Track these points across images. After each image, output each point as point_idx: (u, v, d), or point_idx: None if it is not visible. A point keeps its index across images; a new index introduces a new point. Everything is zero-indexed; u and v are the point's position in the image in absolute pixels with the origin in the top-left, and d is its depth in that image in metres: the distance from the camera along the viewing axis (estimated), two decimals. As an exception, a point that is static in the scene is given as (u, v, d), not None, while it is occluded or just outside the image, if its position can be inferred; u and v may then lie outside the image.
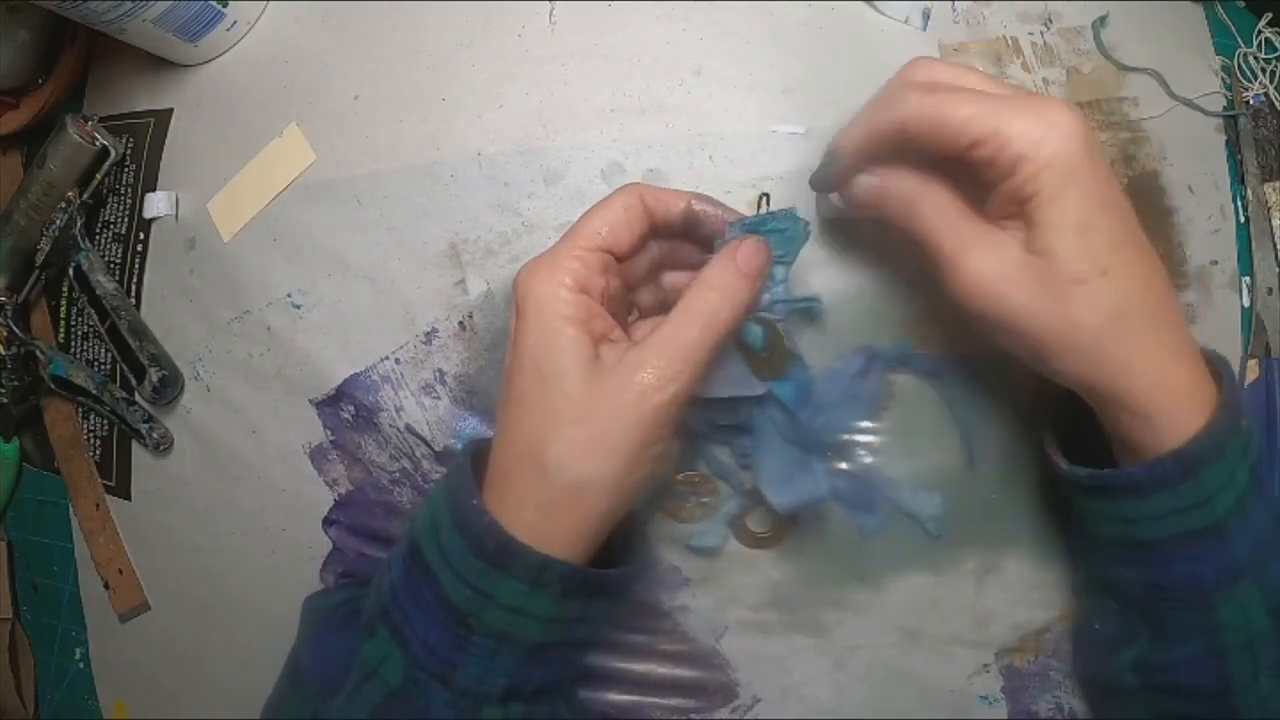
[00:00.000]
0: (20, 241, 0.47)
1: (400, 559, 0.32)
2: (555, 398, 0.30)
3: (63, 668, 0.50)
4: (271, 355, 0.43)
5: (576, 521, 0.30)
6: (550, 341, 0.30)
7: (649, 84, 0.40)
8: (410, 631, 0.30)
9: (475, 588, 0.30)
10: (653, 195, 0.33)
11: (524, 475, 0.30)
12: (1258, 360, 0.41)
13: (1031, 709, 0.39)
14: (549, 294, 0.30)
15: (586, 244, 0.31)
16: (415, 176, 0.41)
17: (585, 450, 0.30)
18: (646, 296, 0.36)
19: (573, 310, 0.30)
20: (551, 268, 0.31)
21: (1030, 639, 0.39)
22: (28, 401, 0.49)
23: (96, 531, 0.47)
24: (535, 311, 0.31)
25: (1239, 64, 0.42)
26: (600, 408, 0.30)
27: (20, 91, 0.49)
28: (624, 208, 0.32)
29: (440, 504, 0.31)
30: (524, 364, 0.31)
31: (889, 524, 0.38)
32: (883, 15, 0.40)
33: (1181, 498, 0.30)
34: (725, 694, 0.40)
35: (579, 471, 0.29)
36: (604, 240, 0.32)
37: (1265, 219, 0.42)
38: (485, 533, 0.29)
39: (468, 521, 0.30)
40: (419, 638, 0.30)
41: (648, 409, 0.29)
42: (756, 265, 0.32)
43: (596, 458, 0.29)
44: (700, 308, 0.31)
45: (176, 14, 0.41)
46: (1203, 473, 0.29)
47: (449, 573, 0.30)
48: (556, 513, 0.30)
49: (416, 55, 0.42)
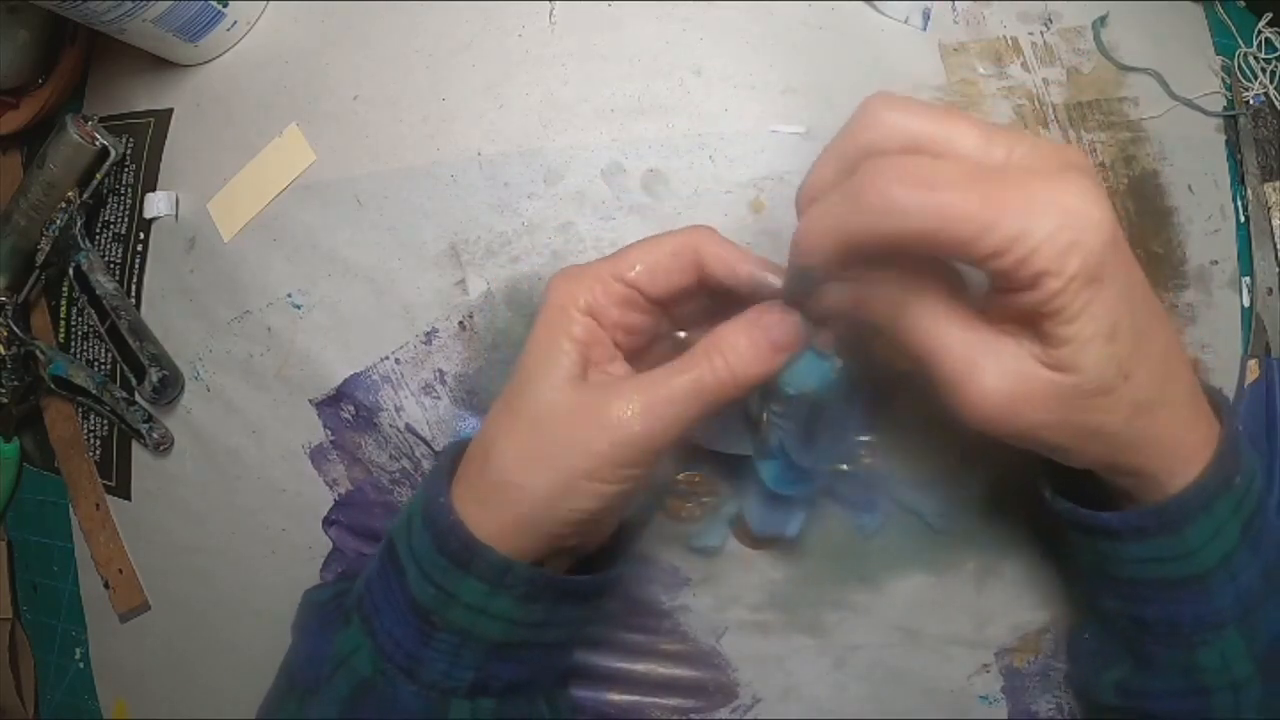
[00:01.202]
0: (20, 241, 0.47)
1: (379, 554, 0.33)
2: (522, 400, 0.30)
3: (63, 668, 0.49)
4: (271, 355, 0.43)
5: (503, 522, 0.29)
6: (543, 348, 0.30)
7: (649, 84, 0.40)
8: (379, 624, 0.31)
9: (439, 585, 0.30)
10: (715, 252, 0.30)
11: (473, 464, 0.31)
12: (1258, 360, 0.41)
13: (1031, 709, 0.39)
14: (560, 305, 0.30)
15: (616, 273, 0.30)
16: (415, 176, 0.41)
17: (525, 455, 0.29)
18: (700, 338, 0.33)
19: (576, 330, 0.30)
20: (575, 282, 0.30)
21: (1030, 639, 0.39)
22: (28, 401, 0.49)
23: (96, 531, 0.47)
24: (545, 317, 0.30)
25: (1239, 64, 0.42)
26: (560, 422, 0.29)
27: (20, 91, 0.49)
28: (672, 253, 0.30)
29: (416, 501, 0.32)
30: (520, 363, 0.31)
31: (889, 523, 0.38)
32: (883, 15, 0.40)
33: (1159, 549, 0.29)
34: (725, 694, 0.40)
35: (510, 473, 0.29)
36: (635, 277, 0.30)
37: (1265, 219, 0.41)
38: (450, 531, 0.30)
39: (435, 519, 0.30)
40: (386, 630, 0.31)
41: (603, 443, 0.28)
42: (778, 341, 0.29)
43: (532, 467, 0.29)
44: (701, 363, 0.28)
45: (176, 14, 0.41)
46: (1184, 528, 0.28)
47: (415, 569, 0.30)
48: (487, 508, 0.30)
49: (416, 55, 0.42)
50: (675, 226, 0.38)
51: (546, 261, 0.39)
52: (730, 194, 0.38)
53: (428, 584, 0.30)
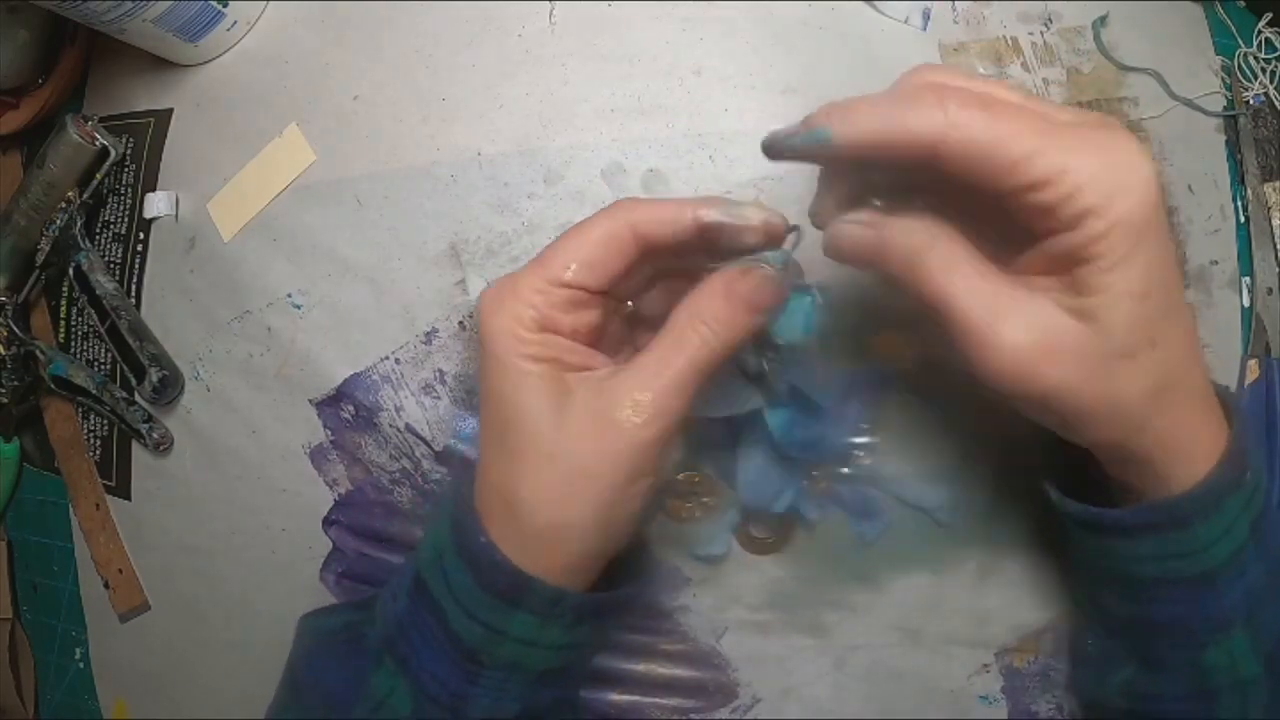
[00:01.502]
0: (20, 241, 0.47)
1: (406, 590, 0.31)
2: (521, 438, 0.28)
3: (63, 668, 0.49)
4: (271, 355, 0.43)
5: (555, 565, 0.28)
6: (512, 382, 0.28)
7: (649, 84, 0.40)
8: (418, 664, 0.30)
9: (486, 624, 0.29)
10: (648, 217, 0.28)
11: (495, 514, 0.29)
12: (1258, 360, 0.41)
13: (1031, 709, 0.39)
14: (507, 332, 0.28)
15: (551, 278, 0.28)
16: (415, 176, 0.41)
17: (560, 492, 0.27)
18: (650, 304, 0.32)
19: (536, 349, 0.28)
20: (511, 301, 0.28)
21: (1030, 639, 0.39)
22: (28, 401, 0.49)
23: (96, 531, 0.47)
24: (494, 350, 0.28)
25: (1239, 64, 0.42)
26: (575, 446, 0.27)
27: (20, 91, 0.49)
28: (605, 239, 0.28)
29: (444, 536, 0.30)
30: (489, 402, 0.29)
31: (889, 533, 0.38)
32: (883, 15, 0.40)
33: (1170, 545, 0.29)
34: (725, 694, 0.40)
35: (553, 515, 0.27)
36: (572, 277, 0.28)
37: (1265, 219, 0.41)
38: (495, 569, 0.28)
39: (475, 558, 0.29)
40: (428, 671, 0.29)
41: (626, 446, 0.27)
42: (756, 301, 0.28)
43: (573, 499, 0.27)
44: (689, 339, 0.27)
45: (176, 14, 0.41)
46: (1195, 525, 0.28)
47: (457, 609, 0.29)
48: (533, 554, 0.28)
49: (416, 55, 0.42)
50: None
51: (546, 261, 0.39)
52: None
53: (473, 623, 0.29)
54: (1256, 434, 0.40)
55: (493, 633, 0.29)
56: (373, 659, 0.31)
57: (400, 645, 0.30)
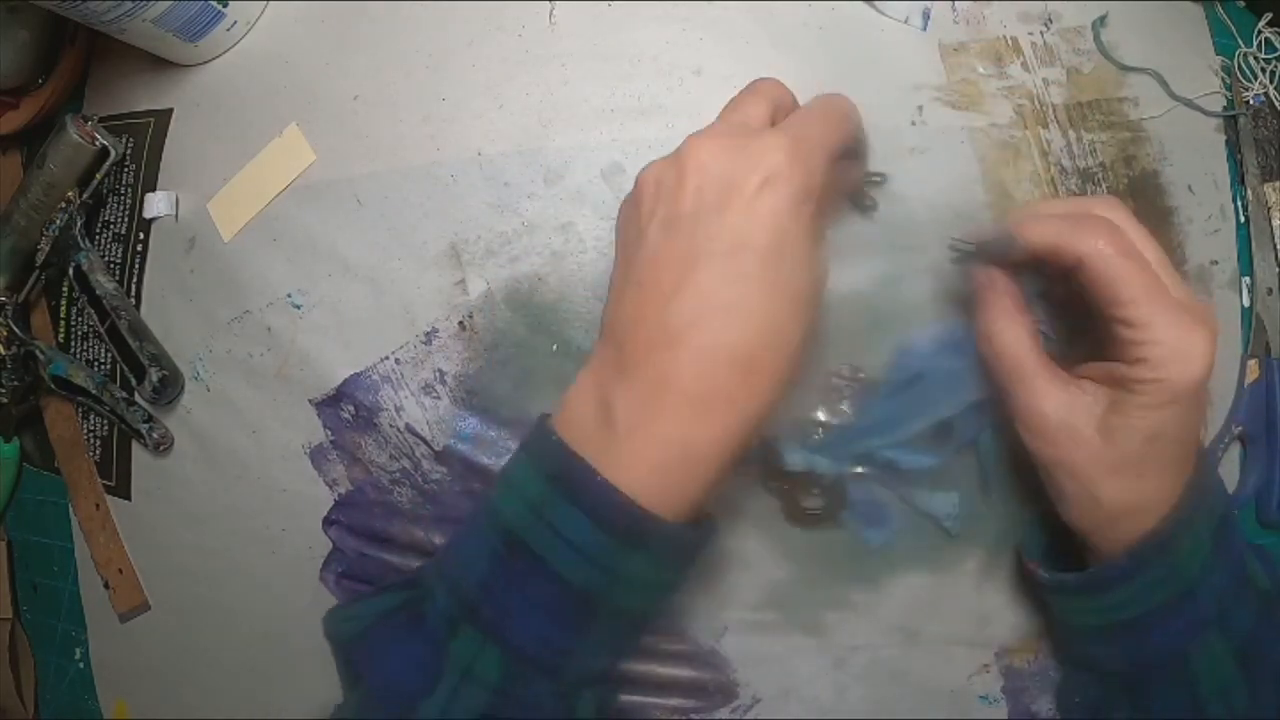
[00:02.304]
0: (20, 241, 0.47)
1: (489, 554, 0.30)
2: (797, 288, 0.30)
3: (63, 668, 0.49)
4: (271, 355, 0.43)
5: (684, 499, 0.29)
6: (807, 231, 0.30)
7: (649, 84, 0.40)
8: (514, 626, 0.30)
9: (605, 568, 0.29)
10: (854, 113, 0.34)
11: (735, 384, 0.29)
12: (1258, 360, 0.41)
13: (1031, 709, 0.39)
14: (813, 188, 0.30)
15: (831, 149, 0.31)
16: (415, 176, 0.41)
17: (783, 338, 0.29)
18: None
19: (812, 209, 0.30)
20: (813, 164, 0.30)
21: (1030, 639, 0.39)
22: (28, 401, 0.49)
23: (96, 531, 0.47)
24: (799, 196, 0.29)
25: (1239, 64, 0.42)
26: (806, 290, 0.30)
27: (20, 91, 0.49)
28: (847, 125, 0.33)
29: (535, 488, 0.30)
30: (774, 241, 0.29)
31: (896, 539, 0.38)
32: (883, 15, 0.40)
33: (1155, 572, 0.31)
34: (725, 694, 0.40)
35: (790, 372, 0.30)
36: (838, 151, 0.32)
37: (1265, 219, 0.41)
38: (616, 509, 0.28)
39: (592, 501, 0.29)
40: (528, 631, 0.29)
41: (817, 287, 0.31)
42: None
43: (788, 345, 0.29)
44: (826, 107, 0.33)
45: (176, 14, 0.41)
46: (1176, 547, 0.31)
47: (570, 556, 0.29)
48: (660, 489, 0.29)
49: (416, 55, 0.42)
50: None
51: (546, 261, 0.39)
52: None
53: (592, 568, 0.29)
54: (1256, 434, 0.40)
55: (611, 576, 0.29)
56: (445, 629, 0.31)
57: (487, 610, 0.30)
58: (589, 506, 0.29)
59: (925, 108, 0.39)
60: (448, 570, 0.32)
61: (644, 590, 0.30)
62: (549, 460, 0.30)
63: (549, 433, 0.30)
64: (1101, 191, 0.40)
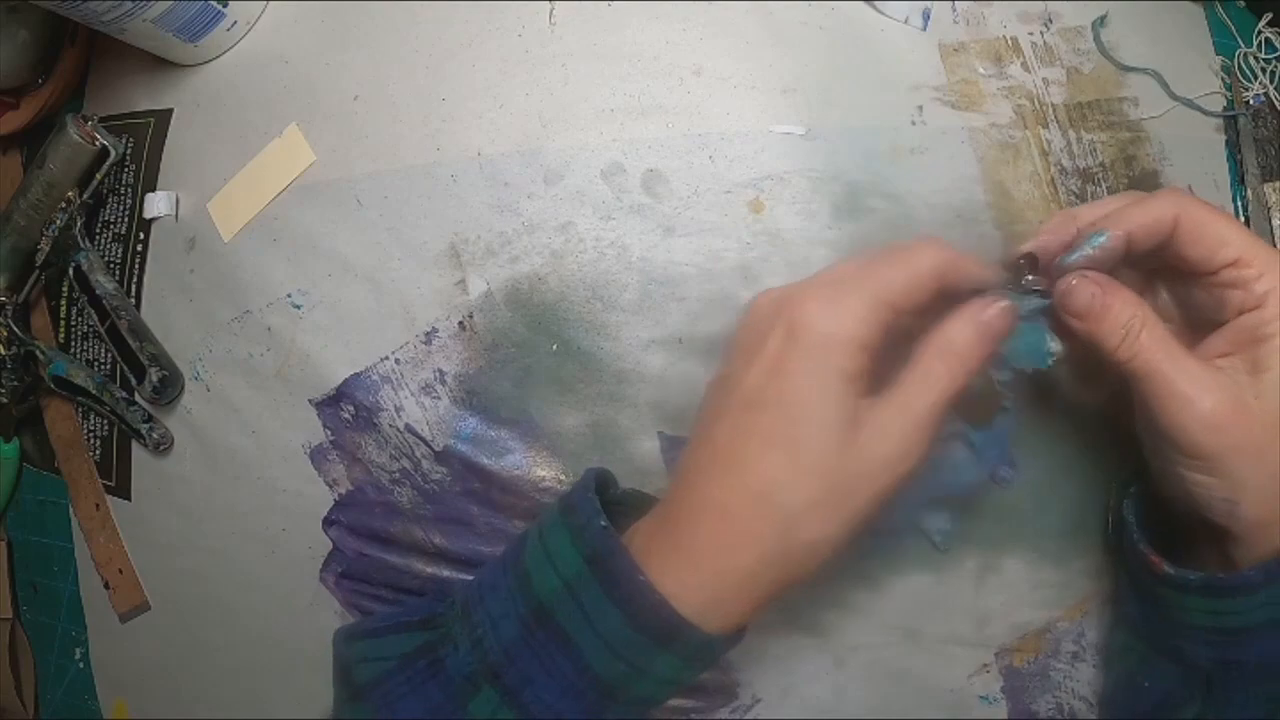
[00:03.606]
0: (20, 241, 0.47)
1: (518, 618, 0.30)
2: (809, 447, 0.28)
3: (63, 668, 0.50)
4: (271, 355, 0.43)
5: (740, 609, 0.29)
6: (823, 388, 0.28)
7: (649, 84, 0.40)
8: (533, 696, 0.29)
9: (631, 663, 0.29)
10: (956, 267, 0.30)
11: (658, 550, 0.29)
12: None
13: (1031, 709, 0.39)
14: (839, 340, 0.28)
15: (886, 297, 0.29)
16: (415, 176, 0.41)
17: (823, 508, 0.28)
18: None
19: (853, 366, 0.28)
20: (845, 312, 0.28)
21: (1030, 639, 0.39)
22: (28, 401, 0.49)
23: (96, 531, 0.47)
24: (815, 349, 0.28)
25: (1239, 64, 0.42)
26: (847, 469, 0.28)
27: (20, 91, 0.49)
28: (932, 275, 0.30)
29: (572, 567, 0.29)
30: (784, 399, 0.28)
31: (890, 534, 0.38)
32: (883, 15, 0.40)
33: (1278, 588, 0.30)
34: (725, 694, 0.40)
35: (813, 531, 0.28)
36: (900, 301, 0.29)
37: (1265, 219, 0.41)
38: (652, 610, 0.28)
39: (629, 597, 0.28)
40: (545, 704, 0.29)
41: (886, 482, 0.28)
42: (999, 330, 0.30)
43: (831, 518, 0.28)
44: (938, 376, 0.29)
45: (176, 14, 0.41)
46: None
47: (598, 644, 0.29)
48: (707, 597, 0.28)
49: (416, 55, 0.42)
50: (675, 226, 0.38)
51: (546, 261, 0.39)
52: (730, 194, 0.38)
53: (617, 661, 0.29)
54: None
55: (636, 671, 0.29)
56: (465, 684, 0.30)
57: (509, 675, 0.30)
58: (623, 599, 0.28)
59: (925, 108, 0.39)
60: (473, 620, 0.31)
61: (667, 684, 0.30)
62: (588, 540, 0.29)
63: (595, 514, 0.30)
64: (1102, 192, 0.40)
